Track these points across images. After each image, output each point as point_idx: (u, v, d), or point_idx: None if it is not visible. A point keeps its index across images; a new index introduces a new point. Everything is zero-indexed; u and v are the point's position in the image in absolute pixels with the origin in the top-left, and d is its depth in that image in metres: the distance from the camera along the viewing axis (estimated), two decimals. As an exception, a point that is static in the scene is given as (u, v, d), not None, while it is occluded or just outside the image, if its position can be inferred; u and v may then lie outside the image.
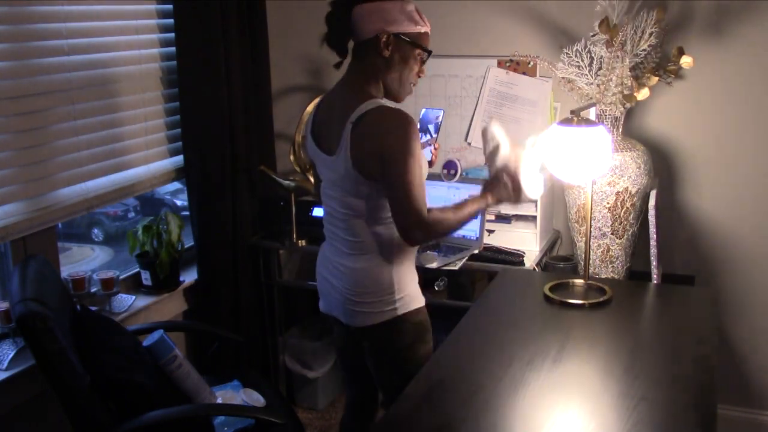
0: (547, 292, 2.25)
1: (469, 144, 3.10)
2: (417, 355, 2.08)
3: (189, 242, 2.95)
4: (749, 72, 2.70)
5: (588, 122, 2.08)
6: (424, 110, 2.25)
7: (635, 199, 2.64)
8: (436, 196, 2.81)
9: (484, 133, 2.07)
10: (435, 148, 2.20)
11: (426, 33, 1.99)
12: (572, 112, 2.08)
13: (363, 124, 1.90)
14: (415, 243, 1.99)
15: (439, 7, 3.05)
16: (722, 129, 2.71)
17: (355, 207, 2.00)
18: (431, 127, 2.22)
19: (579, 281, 2.31)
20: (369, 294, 2.03)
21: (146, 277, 2.76)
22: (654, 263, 2.56)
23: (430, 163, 2.17)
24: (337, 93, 2.05)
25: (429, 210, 1.92)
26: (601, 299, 2.19)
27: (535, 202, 2.28)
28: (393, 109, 1.92)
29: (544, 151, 2.07)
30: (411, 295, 2.08)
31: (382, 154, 1.88)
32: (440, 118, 2.23)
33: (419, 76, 2.05)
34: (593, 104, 2.15)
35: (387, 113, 1.91)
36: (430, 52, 2.01)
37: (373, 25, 1.93)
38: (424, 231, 1.92)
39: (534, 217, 2.81)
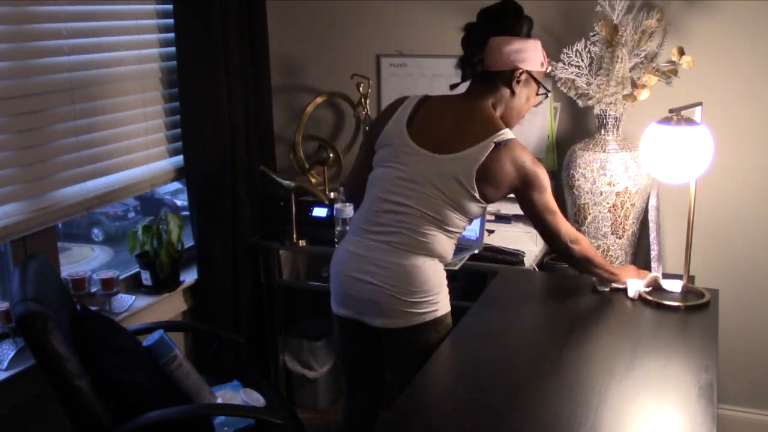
0: (643, 294, 2.25)
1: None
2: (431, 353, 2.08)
3: (189, 242, 2.95)
4: (749, 71, 2.70)
5: (688, 121, 2.09)
6: None
7: (635, 199, 2.64)
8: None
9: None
10: None
11: (545, 72, 2.14)
12: (671, 110, 2.10)
13: (506, 149, 2.01)
14: (573, 261, 2.19)
15: (439, 7, 3.05)
16: (722, 129, 2.70)
17: (438, 210, 2.03)
18: None
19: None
20: (415, 293, 2.04)
21: (146, 277, 2.76)
22: (654, 263, 2.56)
23: None
24: (459, 107, 2.11)
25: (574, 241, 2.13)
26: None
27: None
28: (517, 143, 2.04)
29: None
30: (447, 297, 2.14)
31: (526, 187, 2.04)
32: None
33: (531, 107, 2.19)
34: (698, 104, 2.15)
35: (519, 146, 2.04)
36: (549, 92, 2.18)
37: (511, 59, 2.04)
38: (581, 256, 2.15)
39: (534, 217, 2.81)
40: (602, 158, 2.62)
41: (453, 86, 2.15)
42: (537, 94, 2.16)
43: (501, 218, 2.88)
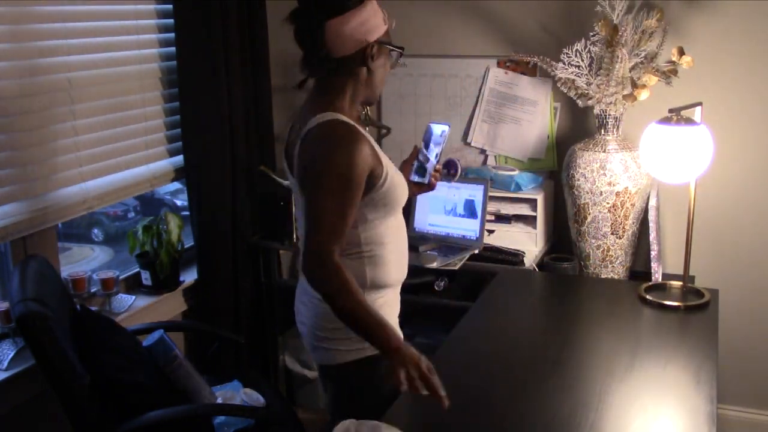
0: (643, 294, 2.25)
1: (469, 144, 3.09)
2: (364, 403, 1.82)
3: (189, 242, 2.95)
4: (749, 71, 2.70)
5: (688, 121, 2.09)
6: (429, 125, 2.03)
7: (635, 199, 2.64)
8: (436, 196, 2.81)
9: None
10: (436, 170, 2.00)
11: (389, 26, 1.82)
12: (671, 110, 2.09)
13: (307, 137, 1.73)
14: (307, 275, 1.68)
15: (439, 7, 3.05)
16: (722, 129, 2.70)
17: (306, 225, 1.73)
18: (433, 146, 1.99)
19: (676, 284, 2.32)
20: (336, 330, 1.80)
21: (146, 277, 2.76)
22: (654, 263, 2.56)
23: (429, 187, 2.01)
24: (300, 115, 1.84)
25: (336, 257, 1.65)
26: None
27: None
28: (341, 122, 1.73)
29: None
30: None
31: (305, 165, 1.72)
32: (444, 135, 1.98)
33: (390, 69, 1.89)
34: (698, 104, 2.15)
35: (331, 125, 1.72)
36: (402, 49, 1.86)
37: (358, 37, 1.74)
38: (319, 269, 1.66)
39: (534, 218, 2.81)
40: (602, 158, 2.62)
41: (299, 85, 1.90)
42: (391, 55, 1.85)
43: (501, 218, 2.88)
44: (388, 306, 1.90)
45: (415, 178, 2.02)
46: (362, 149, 1.71)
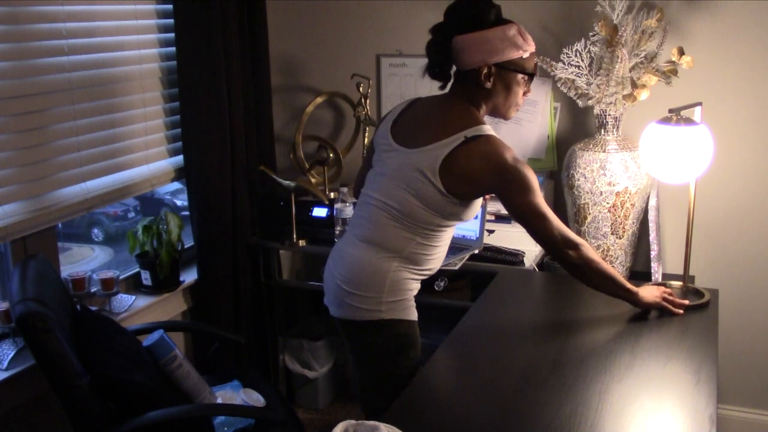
0: None
1: (469, 144, 3.09)
2: (396, 365, 2.05)
3: (189, 242, 2.95)
4: (749, 71, 2.70)
5: (687, 121, 2.09)
6: None
7: (635, 199, 2.64)
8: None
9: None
10: None
11: (533, 54, 2.00)
12: (671, 110, 2.09)
13: (476, 143, 1.93)
14: (569, 264, 2.01)
15: (439, 7, 3.04)
16: (722, 129, 2.70)
17: (401, 201, 1.98)
18: None
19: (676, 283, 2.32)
20: (360, 286, 2.01)
21: (146, 277, 2.76)
22: (654, 263, 2.56)
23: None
24: (438, 104, 2.06)
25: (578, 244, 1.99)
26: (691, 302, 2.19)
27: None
28: (493, 138, 1.95)
29: None
30: (402, 305, 2.04)
31: (503, 185, 1.94)
32: None
33: (526, 95, 2.05)
34: (698, 104, 2.15)
35: (490, 144, 1.94)
36: (533, 75, 2.01)
37: (474, 56, 1.94)
38: (573, 249, 1.98)
39: (534, 217, 2.81)
40: (602, 158, 2.62)
41: (442, 86, 2.10)
42: (524, 80, 2.02)
43: (501, 218, 2.88)
44: (415, 282, 2.08)
45: None
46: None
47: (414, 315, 2.08)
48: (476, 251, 2.72)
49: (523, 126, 3.00)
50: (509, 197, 1.95)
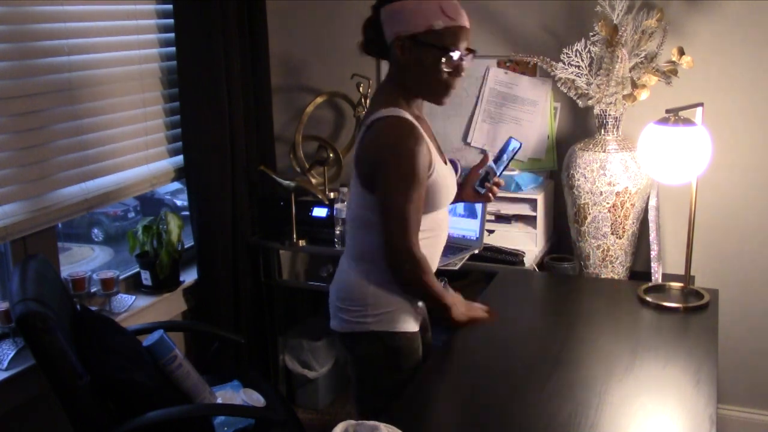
0: (642, 295, 2.25)
1: (469, 144, 3.09)
2: (383, 379, 1.97)
3: (189, 242, 2.95)
4: (749, 71, 2.70)
5: (686, 121, 2.09)
6: (509, 139, 2.07)
7: (635, 199, 2.64)
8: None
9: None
10: (496, 184, 2.05)
11: (456, 28, 1.79)
12: (669, 111, 2.09)
13: (371, 130, 1.82)
14: (399, 275, 1.85)
15: (439, 7, 3.04)
16: (722, 129, 2.70)
17: (359, 211, 1.92)
18: (505, 159, 2.05)
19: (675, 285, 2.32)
20: (346, 300, 1.96)
21: (146, 277, 2.76)
22: (654, 263, 2.56)
23: (486, 198, 2.08)
24: (370, 103, 1.99)
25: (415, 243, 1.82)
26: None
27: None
28: (394, 118, 1.81)
29: None
30: (392, 317, 1.94)
31: (375, 167, 1.80)
32: (514, 152, 2.03)
33: (455, 77, 1.85)
34: (699, 104, 2.15)
35: (384, 123, 1.80)
36: (448, 51, 1.79)
37: (391, 28, 1.81)
38: (410, 265, 1.82)
39: (534, 218, 2.81)
40: (602, 158, 2.62)
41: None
42: (443, 57, 1.80)
43: (501, 218, 2.88)
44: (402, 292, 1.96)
45: (477, 187, 2.08)
46: (422, 147, 1.80)
47: (410, 326, 1.97)
48: (476, 251, 2.72)
49: (523, 126, 3.00)
50: (379, 182, 1.80)
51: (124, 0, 2.62)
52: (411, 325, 1.97)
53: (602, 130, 2.67)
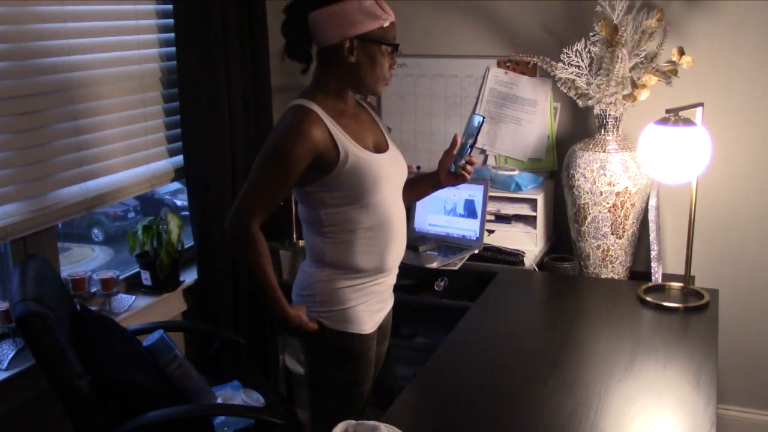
0: (642, 295, 2.25)
1: (469, 144, 3.09)
2: (327, 376, 2.03)
3: (189, 242, 2.95)
4: (749, 71, 2.70)
5: (685, 121, 2.09)
6: (471, 115, 2.09)
7: (635, 199, 2.64)
8: (436, 196, 2.80)
9: None
10: (468, 162, 2.03)
11: (391, 24, 1.89)
12: (668, 111, 2.09)
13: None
14: (233, 250, 1.95)
15: (439, 7, 3.05)
16: (722, 129, 2.70)
17: (300, 210, 2.01)
18: (467, 137, 2.03)
19: (676, 285, 2.33)
20: (300, 296, 2.04)
21: (146, 277, 2.76)
22: (654, 263, 2.56)
23: (459, 177, 2.05)
24: None
25: (256, 230, 1.88)
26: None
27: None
28: (296, 107, 1.88)
29: None
30: (344, 316, 1.97)
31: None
32: (478, 125, 2.01)
33: (392, 68, 1.94)
34: (699, 104, 2.16)
35: (291, 110, 1.88)
36: (396, 46, 1.91)
37: (333, 31, 1.85)
38: (242, 244, 1.89)
39: (534, 218, 2.81)
40: (602, 158, 2.62)
41: (303, 71, 1.99)
42: (388, 51, 1.90)
43: (501, 218, 2.88)
44: (358, 292, 1.97)
45: (452, 170, 2.06)
46: (307, 135, 1.83)
47: (363, 328, 1.99)
48: (476, 251, 2.72)
49: (523, 126, 3.00)
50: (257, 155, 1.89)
51: (124, 0, 2.62)
52: (361, 327, 1.99)
53: (602, 130, 2.67)
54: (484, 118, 2.00)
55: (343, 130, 1.89)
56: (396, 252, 2.02)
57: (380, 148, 1.99)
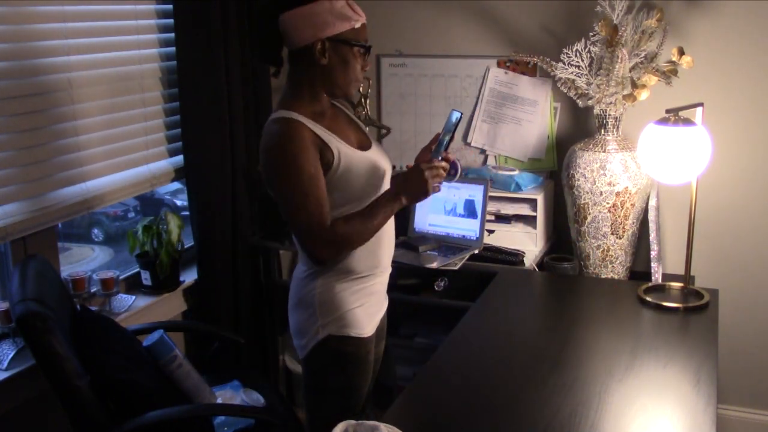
0: (642, 295, 2.24)
1: (469, 144, 3.09)
2: (327, 381, 2.00)
3: (189, 242, 2.95)
4: (749, 71, 2.70)
5: (685, 121, 2.09)
6: (451, 111, 1.99)
7: (635, 199, 2.64)
8: (436, 196, 2.80)
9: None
10: (443, 157, 1.95)
11: (362, 26, 1.88)
12: (668, 111, 2.09)
13: (263, 134, 1.87)
14: (323, 261, 1.88)
15: (439, 7, 3.05)
16: (722, 129, 2.70)
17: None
18: (445, 132, 1.98)
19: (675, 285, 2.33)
20: (298, 302, 2.00)
21: (146, 277, 2.76)
22: (654, 263, 2.56)
23: (453, 171, 2.02)
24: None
25: (333, 223, 1.83)
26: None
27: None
28: (277, 120, 1.85)
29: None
30: (342, 321, 1.94)
31: (267, 171, 1.87)
32: (456, 121, 1.96)
33: (365, 69, 1.93)
34: (699, 104, 2.16)
35: (270, 127, 1.85)
36: (369, 47, 1.90)
37: (305, 33, 1.84)
38: (331, 247, 1.85)
39: (534, 218, 2.81)
40: (602, 158, 2.62)
41: (274, 74, 1.98)
42: (360, 52, 1.89)
43: (501, 218, 2.88)
44: (355, 294, 1.95)
45: None
46: (302, 136, 1.82)
47: (363, 332, 1.96)
48: (476, 251, 2.72)
49: (523, 126, 3.00)
50: (275, 188, 1.87)
51: (124, 0, 2.62)
52: (362, 330, 1.97)
53: (602, 130, 2.67)
54: (461, 114, 1.98)
55: (328, 131, 1.89)
56: (388, 249, 2.02)
57: (364, 145, 1.98)
